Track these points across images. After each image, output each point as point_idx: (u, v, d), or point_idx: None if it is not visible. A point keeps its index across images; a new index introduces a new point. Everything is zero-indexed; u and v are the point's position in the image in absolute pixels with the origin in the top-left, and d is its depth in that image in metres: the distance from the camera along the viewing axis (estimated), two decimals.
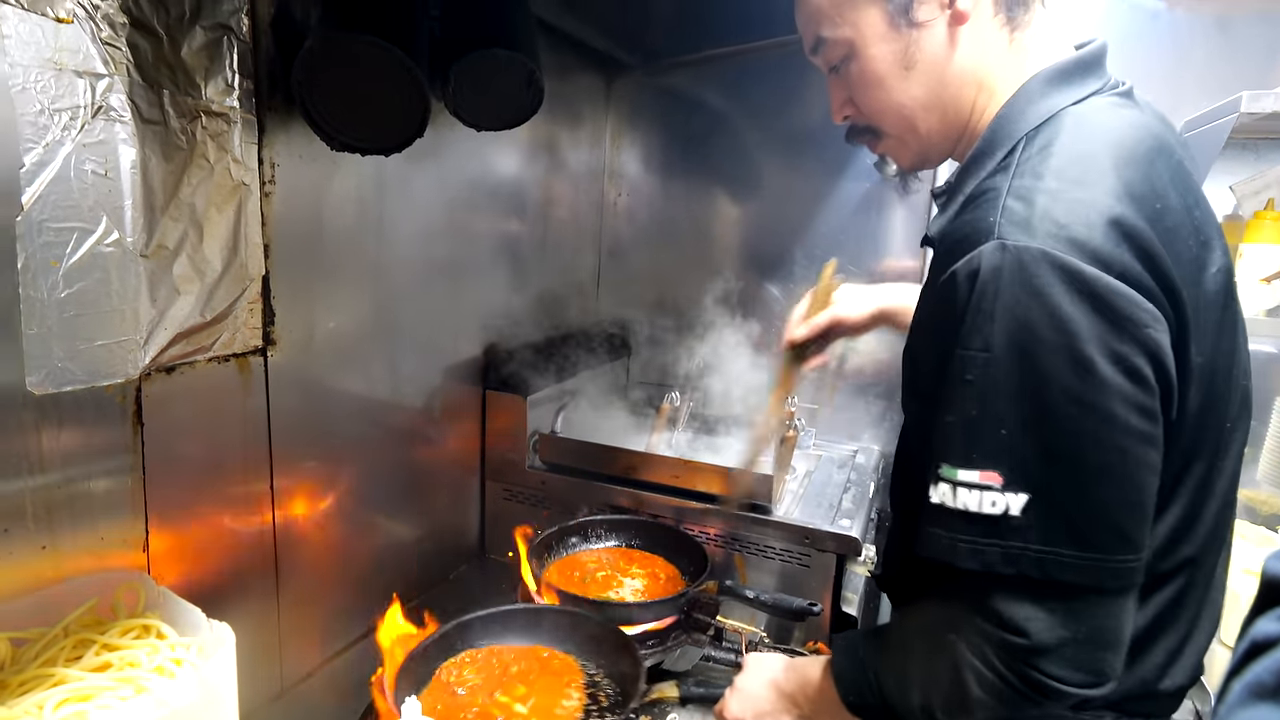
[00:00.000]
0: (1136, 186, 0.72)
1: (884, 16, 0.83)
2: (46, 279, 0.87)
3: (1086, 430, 0.69)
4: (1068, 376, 0.68)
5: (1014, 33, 0.84)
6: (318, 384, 1.36)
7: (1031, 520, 0.70)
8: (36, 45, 0.84)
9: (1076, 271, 0.67)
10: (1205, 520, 0.82)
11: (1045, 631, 0.72)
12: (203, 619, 0.68)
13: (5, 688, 0.57)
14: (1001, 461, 0.70)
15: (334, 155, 1.25)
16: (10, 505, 0.87)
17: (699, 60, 2.24)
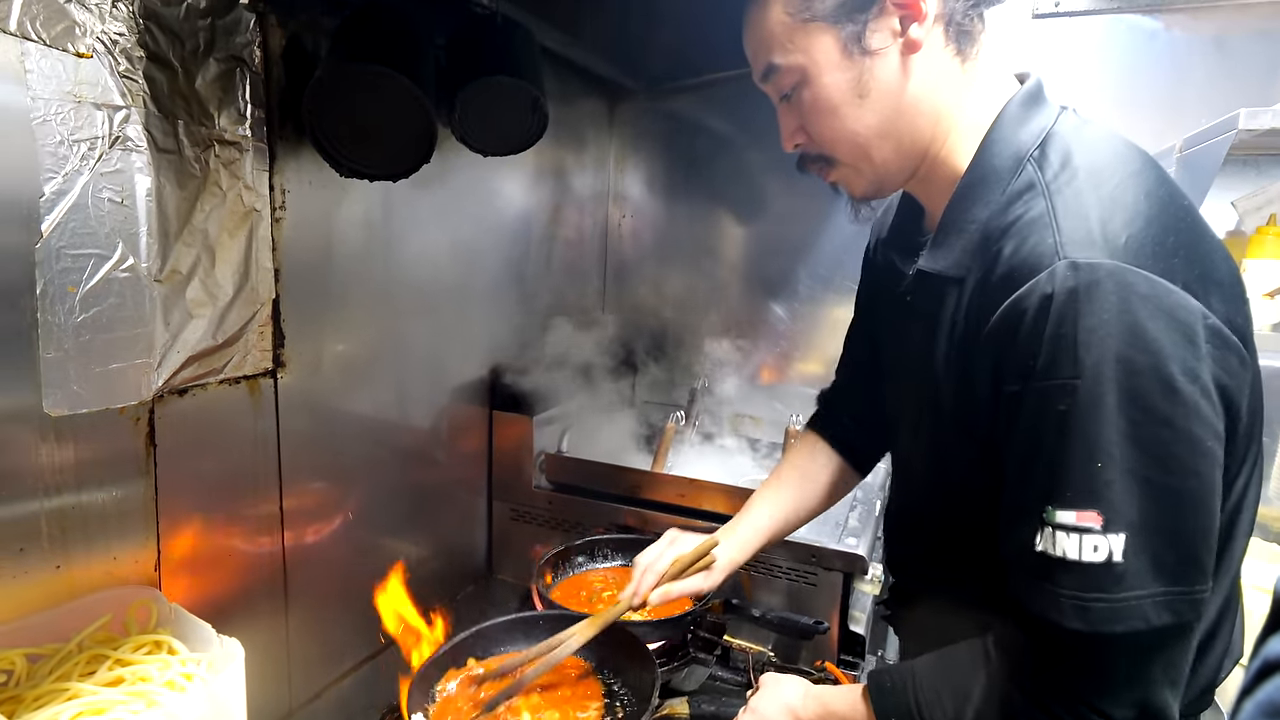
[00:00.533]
0: (1162, 192, 0.73)
1: (837, 44, 0.82)
2: (64, 304, 0.89)
3: (1175, 454, 0.66)
4: (1156, 398, 0.65)
5: (964, 63, 0.85)
6: (326, 405, 1.38)
7: (1130, 563, 0.66)
8: (58, 79, 0.87)
9: (1152, 285, 0.66)
10: (1250, 510, 0.81)
11: (1126, 681, 0.69)
12: (213, 634, 0.69)
13: (21, 702, 0.58)
14: (1100, 499, 0.66)
15: (343, 181, 1.29)
16: (26, 525, 0.89)
17: (701, 84, 2.28)
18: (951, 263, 0.84)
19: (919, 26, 0.81)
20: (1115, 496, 0.66)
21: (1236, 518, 0.80)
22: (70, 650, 0.65)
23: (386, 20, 1.20)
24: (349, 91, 1.15)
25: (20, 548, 0.88)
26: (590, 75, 2.12)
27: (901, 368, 1.03)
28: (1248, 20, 1.83)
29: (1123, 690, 0.69)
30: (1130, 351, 0.65)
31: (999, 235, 0.78)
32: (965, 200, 0.84)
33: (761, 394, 2.27)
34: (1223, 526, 0.75)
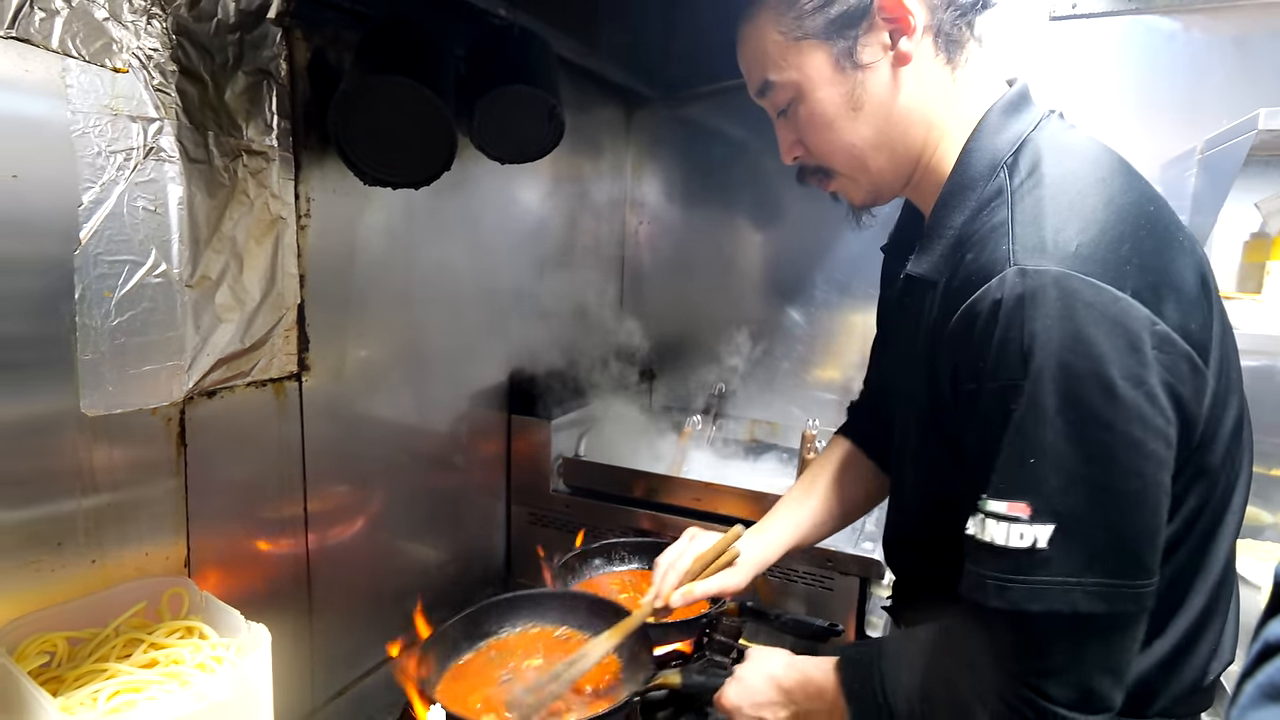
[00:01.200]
0: (1125, 200, 0.75)
1: (829, 60, 0.85)
2: (100, 308, 0.93)
3: (1113, 455, 0.68)
4: (1095, 401, 0.67)
5: (954, 71, 0.87)
6: (349, 409, 1.41)
7: (1057, 551, 0.69)
8: (96, 93, 0.91)
9: (1098, 292, 0.68)
10: (1236, 513, 0.83)
11: (1064, 662, 0.72)
12: (241, 621, 0.72)
13: (63, 681, 0.62)
14: (1030, 491, 0.70)
15: (366, 190, 1.32)
16: (64, 521, 0.92)
17: (717, 91, 2.29)
18: (930, 267, 0.86)
19: (908, 40, 0.83)
20: (1047, 490, 0.69)
21: (1219, 520, 0.81)
22: (108, 635, 0.69)
23: (408, 33, 1.24)
24: (372, 102, 1.18)
25: (59, 542, 0.92)
26: (607, 83, 2.15)
27: (895, 371, 1.05)
28: (1268, 20, 1.81)
29: (1060, 672, 0.72)
30: (1071, 356, 0.67)
31: (966, 241, 0.80)
32: (945, 206, 0.86)
33: (779, 399, 2.28)
34: (1204, 529, 0.79)
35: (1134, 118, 1.87)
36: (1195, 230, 1.77)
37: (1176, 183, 1.76)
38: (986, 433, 0.73)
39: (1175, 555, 0.77)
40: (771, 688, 1.02)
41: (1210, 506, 0.80)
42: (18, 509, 0.89)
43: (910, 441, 0.98)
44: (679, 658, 1.41)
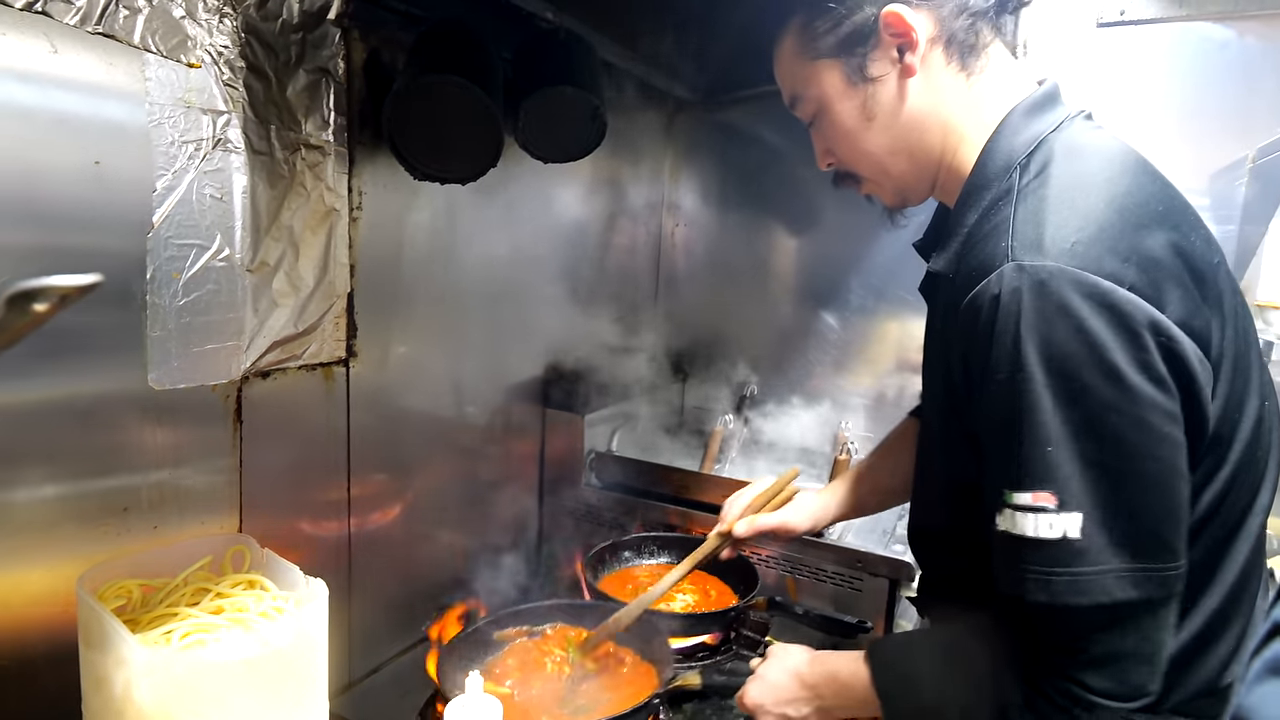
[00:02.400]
0: (1131, 201, 0.76)
1: (842, 76, 0.91)
2: (169, 288, 0.99)
3: (1126, 439, 0.70)
4: (1101, 387, 0.69)
5: (970, 77, 0.90)
6: (391, 397, 1.46)
7: (1090, 540, 0.70)
8: (171, 87, 0.97)
9: (1094, 285, 0.70)
10: (1259, 515, 0.84)
11: (1103, 653, 0.73)
12: (300, 576, 0.77)
13: (138, 623, 0.67)
14: (1052, 481, 0.71)
15: (414, 186, 1.37)
16: (130, 489, 0.99)
17: (757, 96, 2.31)
18: (946, 264, 0.90)
19: (912, 53, 0.87)
20: (1068, 478, 0.70)
21: (1239, 522, 0.82)
22: (177, 584, 0.74)
23: (459, 35, 1.29)
24: (424, 100, 1.23)
25: (124, 508, 0.98)
26: (648, 87, 2.19)
27: (924, 362, 1.08)
28: None
29: (1099, 663, 0.73)
30: (1072, 345, 0.69)
31: (973, 238, 0.84)
32: (963, 205, 0.89)
33: (810, 402, 2.28)
34: (1220, 528, 0.81)
35: (1182, 126, 1.84)
36: (1245, 239, 1.74)
37: (1226, 192, 1.73)
38: (997, 425, 0.76)
39: (1190, 551, 0.77)
40: (795, 683, 1.03)
41: (1227, 507, 0.80)
42: (92, 478, 0.96)
43: (933, 431, 1.00)
44: (705, 650, 1.42)
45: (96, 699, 0.67)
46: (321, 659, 0.73)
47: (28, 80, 0.84)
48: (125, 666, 0.60)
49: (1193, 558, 0.78)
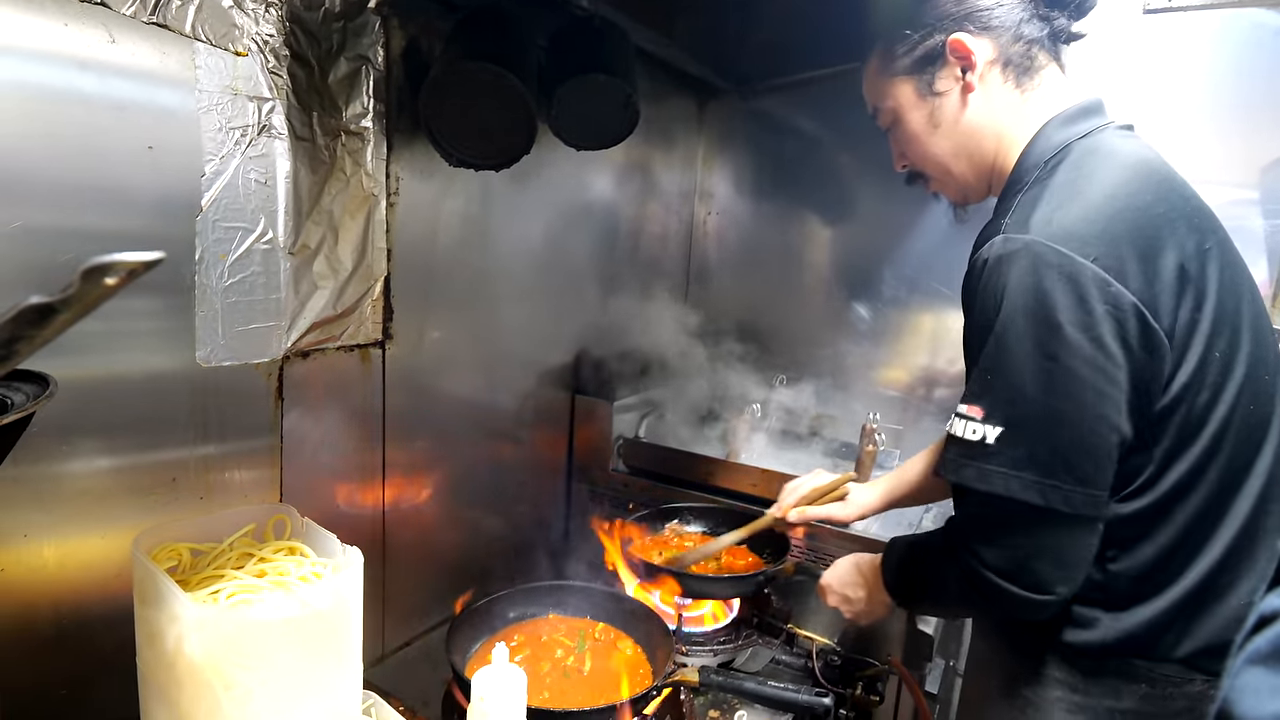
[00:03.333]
0: (1120, 192, 0.90)
1: (914, 90, 1.08)
2: (216, 269, 1.03)
3: (1054, 381, 0.86)
4: (1043, 337, 0.86)
5: (1024, 93, 1.04)
6: (425, 379, 1.49)
7: (1003, 448, 0.89)
8: (219, 74, 1.01)
9: (1058, 254, 0.85)
10: (1257, 478, 0.95)
11: (1001, 537, 0.92)
12: (338, 544, 0.80)
13: (187, 584, 0.71)
14: (983, 398, 0.91)
15: (449, 172, 1.40)
16: (179, 461, 1.04)
17: (792, 84, 2.30)
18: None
19: (972, 73, 1.03)
20: (995, 400, 0.90)
21: (1238, 480, 0.94)
22: (223, 549, 0.78)
23: (495, 23, 1.31)
24: (460, 87, 1.25)
25: (173, 478, 1.03)
26: (681, 74, 2.19)
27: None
28: None
29: (997, 545, 0.93)
30: (1032, 303, 0.86)
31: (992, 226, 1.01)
32: (1000, 201, 1.06)
33: (839, 394, 2.28)
34: (1214, 486, 0.93)
35: (1231, 117, 1.79)
36: None
37: (1276, 186, 1.68)
38: (969, 355, 0.96)
39: (1186, 502, 0.92)
40: (854, 570, 1.30)
41: (1218, 465, 0.92)
42: (143, 451, 1.01)
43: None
44: (727, 633, 1.45)
45: (150, 652, 0.71)
46: (357, 623, 0.76)
47: (87, 69, 0.89)
48: (177, 622, 0.64)
49: (1191, 509, 0.93)
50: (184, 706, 0.68)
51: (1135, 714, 1.00)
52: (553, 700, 1.17)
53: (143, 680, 0.77)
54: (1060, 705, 1.02)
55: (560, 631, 1.37)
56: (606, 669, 1.27)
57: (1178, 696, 0.98)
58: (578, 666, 1.26)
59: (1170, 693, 0.98)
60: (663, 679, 1.20)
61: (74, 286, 0.35)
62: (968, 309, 0.98)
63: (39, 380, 0.70)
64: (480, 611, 1.34)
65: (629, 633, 1.37)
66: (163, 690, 0.70)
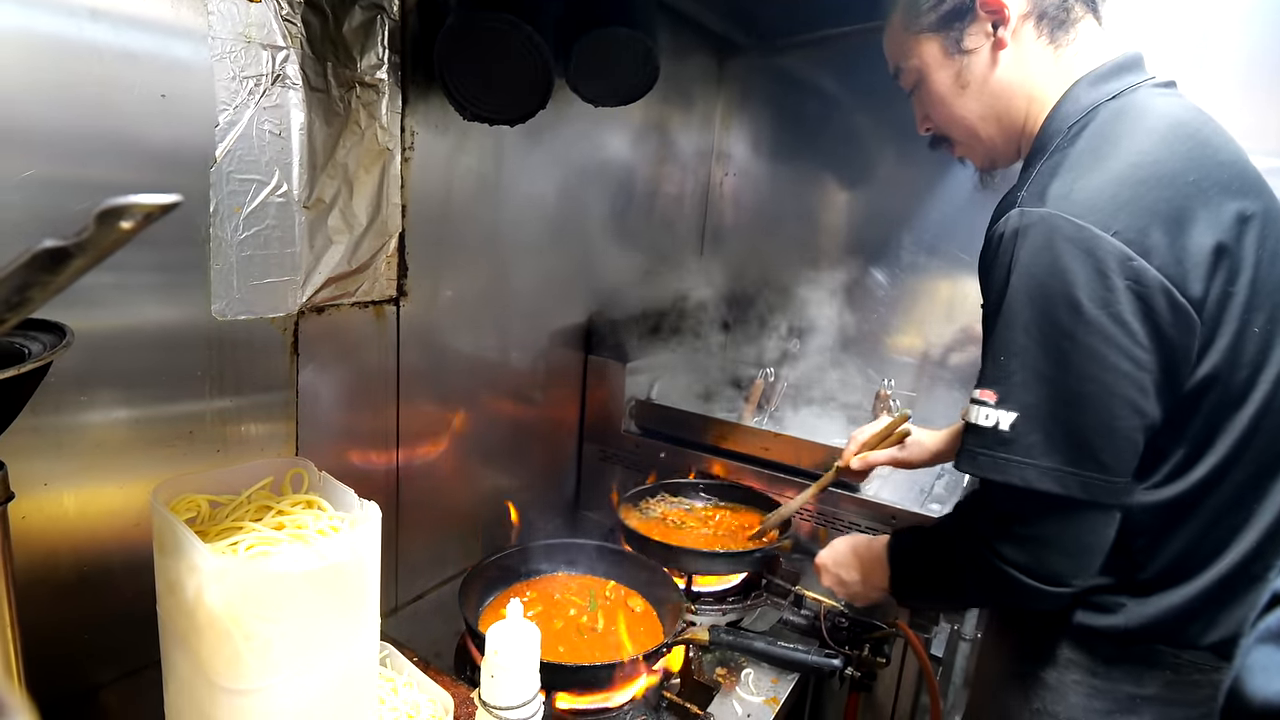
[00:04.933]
0: (1146, 159, 0.84)
1: (941, 48, 1.02)
2: (230, 222, 1.02)
3: (1073, 362, 0.82)
4: (1062, 316, 0.82)
5: (1058, 49, 0.98)
6: (439, 337, 1.49)
7: (1018, 434, 0.85)
8: (232, 20, 0.98)
9: (1076, 229, 0.81)
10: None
11: (1017, 528, 0.89)
12: (355, 499, 0.81)
13: (206, 535, 0.72)
14: (998, 383, 0.87)
15: (463, 127, 1.37)
16: (196, 414, 1.05)
17: (814, 41, 2.24)
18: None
19: (1004, 27, 0.97)
20: (1012, 384, 0.86)
21: (1269, 469, 0.90)
22: (241, 502, 0.78)
23: None
24: (476, 39, 1.22)
25: (190, 430, 1.04)
26: (701, 29, 2.13)
27: None
28: None
29: (1016, 540, 0.90)
30: (1047, 278, 0.83)
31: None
32: (1025, 167, 1.00)
33: (854, 359, 2.26)
34: (1247, 473, 0.89)
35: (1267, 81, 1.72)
36: None
37: None
38: (984, 333, 0.92)
39: (1220, 488, 0.89)
40: (850, 553, 1.28)
41: (1255, 449, 0.88)
42: (161, 404, 1.01)
43: None
44: (737, 594, 1.46)
45: (170, 601, 0.73)
46: (375, 577, 0.77)
47: (99, 18, 0.87)
48: (197, 573, 0.65)
49: (1222, 497, 0.89)
50: (204, 655, 0.69)
51: (1158, 700, 0.97)
52: (567, 657, 1.19)
53: (163, 628, 0.78)
54: (1079, 689, 1.00)
55: (571, 590, 1.38)
56: (619, 627, 1.29)
57: (1204, 684, 0.95)
58: (591, 624, 1.27)
59: (1196, 680, 0.95)
60: (673, 637, 1.21)
61: (89, 230, 0.34)
62: (983, 286, 0.94)
63: (56, 330, 0.70)
64: (492, 567, 1.36)
65: (639, 590, 1.39)
66: (183, 638, 0.72)
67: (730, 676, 1.30)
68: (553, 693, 1.12)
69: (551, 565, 1.44)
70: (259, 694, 0.69)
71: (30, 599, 0.88)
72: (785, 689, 1.28)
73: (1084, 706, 1.00)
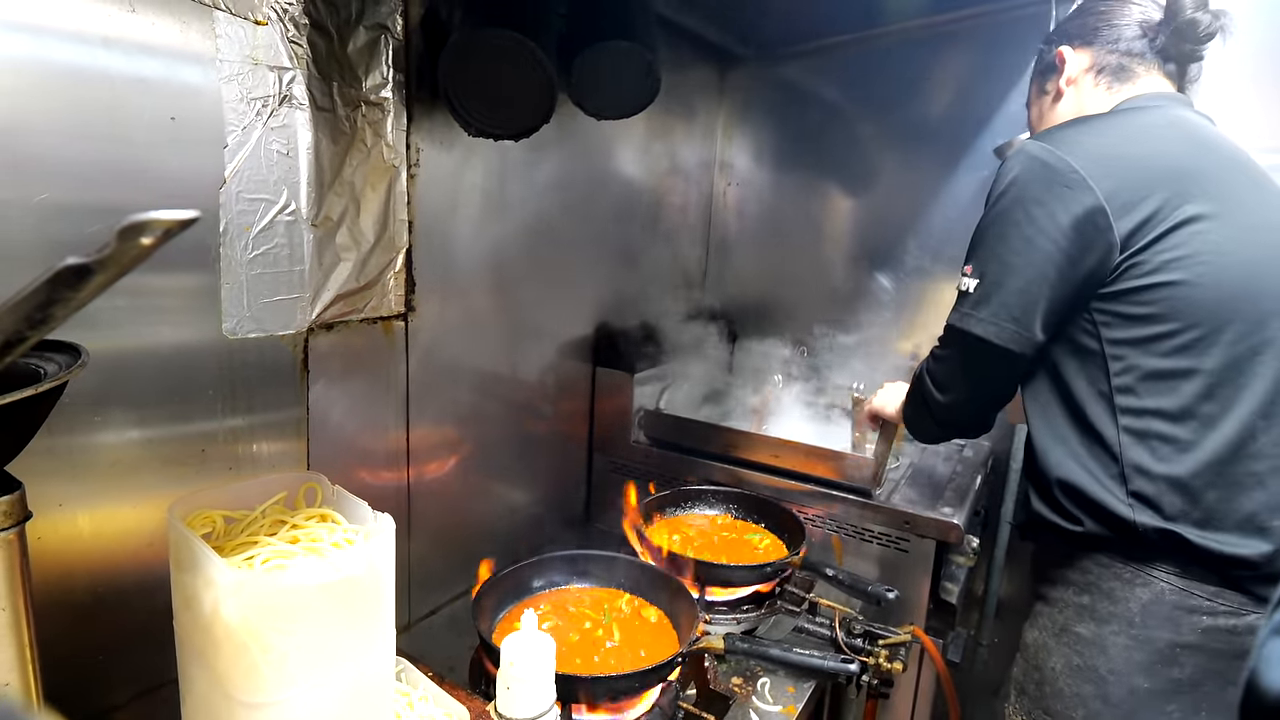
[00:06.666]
0: (1123, 135, 1.09)
1: (1036, 90, 1.32)
2: (240, 241, 1.03)
3: (1012, 244, 1.07)
4: (1016, 212, 1.07)
5: (1113, 94, 1.19)
6: (448, 352, 1.50)
7: (979, 296, 1.11)
8: (240, 43, 1.00)
9: (1047, 152, 1.05)
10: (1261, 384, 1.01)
11: (943, 354, 1.21)
12: (369, 511, 0.81)
13: (222, 550, 0.72)
14: (972, 259, 1.14)
15: (468, 143, 1.39)
16: (209, 433, 1.05)
17: (814, 50, 2.26)
18: None
19: (1064, 80, 1.24)
20: (979, 258, 1.12)
21: (1246, 361, 1.00)
22: (256, 516, 0.79)
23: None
24: (479, 56, 1.24)
25: (202, 449, 1.04)
26: (701, 41, 2.15)
27: None
28: None
29: (940, 361, 1.22)
30: (1013, 186, 1.08)
31: None
32: None
33: (862, 365, 2.26)
34: (1225, 359, 1.00)
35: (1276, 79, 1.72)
36: None
37: None
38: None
39: (1198, 379, 1.00)
40: (894, 392, 1.55)
41: (1222, 350, 1.00)
42: (174, 423, 1.02)
43: None
44: (751, 603, 1.45)
45: (186, 616, 0.73)
46: (389, 588, 0.77)
47: (111, 45, 0.88)
48: (214, 587, 0.65)
49: (1207, 377, 1.00)
50: (221, 668, 0.69)
51: (1198, 649, 1.01)
52: (584, 669, 1.19)
53: (180, 644, 0.78)
54: (1118, 640, 1.05)
55: (585, 603, 1.38)
56: (634, 639, 1.28)
57: (1244, 631, 0.99)
58: (606, 637, 1.27)
59: (1235, 625, 1.00)
60: (688, 646, 1.21)
61: (110, 246, 0.35)
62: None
63: (71, 350, 0.70)
64: (505, 580, 1.35)
65: (653, 601, 1.38)
66: (200, 653, 0.72)
67: (746, 686, 1.29)
68: (569, 705, 1.11)
69: (564, 578, 1.44)
70: (276, 707, 0.69)
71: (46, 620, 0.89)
72: (802, 698, 1.27)
73: (1124, 659, 1.04)
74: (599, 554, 1.46)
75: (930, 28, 2.04)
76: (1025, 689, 1.17)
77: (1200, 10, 1.13)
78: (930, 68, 2.07)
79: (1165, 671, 1.02)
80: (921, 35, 2.06)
